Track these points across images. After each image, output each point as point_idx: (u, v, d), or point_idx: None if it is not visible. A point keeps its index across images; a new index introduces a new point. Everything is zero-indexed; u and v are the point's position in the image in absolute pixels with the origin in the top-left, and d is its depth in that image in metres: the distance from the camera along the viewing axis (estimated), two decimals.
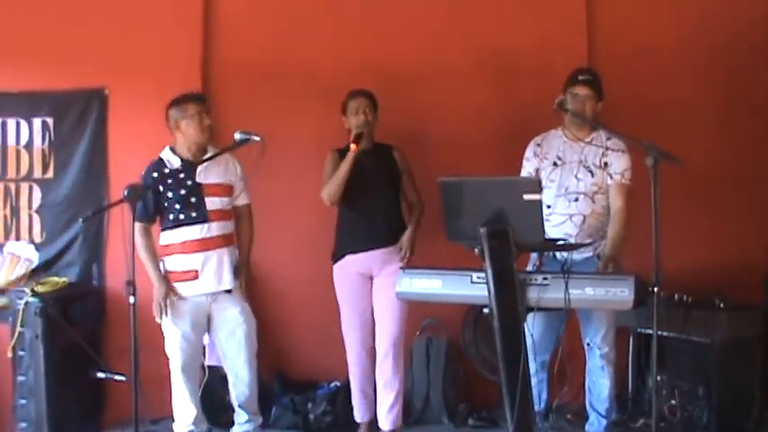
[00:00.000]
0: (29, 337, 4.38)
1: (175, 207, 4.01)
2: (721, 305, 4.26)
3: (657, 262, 3.16)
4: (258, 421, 4.24)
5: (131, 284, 3.48)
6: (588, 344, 4.07)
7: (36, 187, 4.94)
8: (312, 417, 4.64)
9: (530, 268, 3.96)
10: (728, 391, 4.17)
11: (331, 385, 4.77)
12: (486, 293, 3.19)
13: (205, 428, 4.22)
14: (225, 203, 4.12)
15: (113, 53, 4.91)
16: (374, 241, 4.26)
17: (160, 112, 4.11)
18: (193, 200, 4.02)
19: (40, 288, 4.54)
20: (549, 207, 3.98)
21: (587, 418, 4.22)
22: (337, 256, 4.35)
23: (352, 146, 4.14)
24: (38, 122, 4.94)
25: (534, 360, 3.71)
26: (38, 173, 4.94)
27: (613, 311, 3.92)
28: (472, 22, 5.01)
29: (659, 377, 4.24)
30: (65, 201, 4.92)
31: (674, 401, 4.35)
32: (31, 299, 4.41)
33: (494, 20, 5.02)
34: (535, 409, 3.52)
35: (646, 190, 3.23)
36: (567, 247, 3.72)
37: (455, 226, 3.29)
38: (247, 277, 4.23)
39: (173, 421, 4.13)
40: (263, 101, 4.95)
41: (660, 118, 4.82)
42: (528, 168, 4.14)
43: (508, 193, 3.20)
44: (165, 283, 4.00)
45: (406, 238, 4.28)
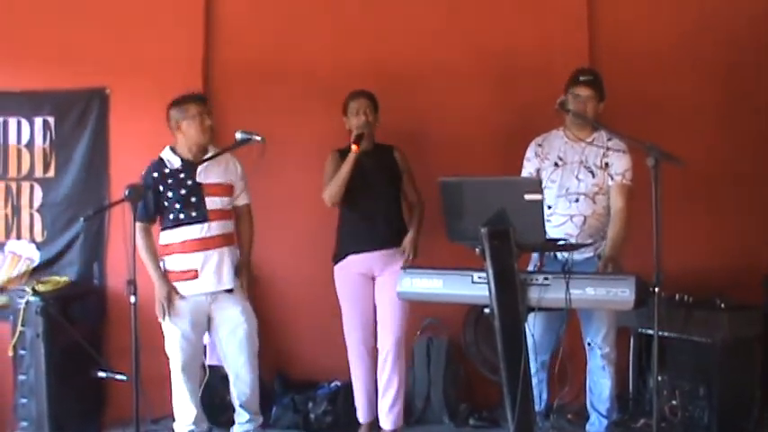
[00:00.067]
0: (30, 336, 4.38)
1: (175, 207, 4.00)
2: (722, 305, 4.26)
3: (658, 262, 3.16)
4: (259, 421, 4.24)
5: (132, 284, 3.48)
6: (589, 344, 4.07)
7: (37, 186, 4.94)
8: (313, 416, 4.64)
9: (530, 269, 3.97)
10: (729, 391, 4.17)
11: (332, 385, 4.77)
12: (487, 293, 3.18)
13: (206, 428, 4.22)
14: (225, 203, 4.12)
15: (114, 53, 4.92)
16: (375, 242, 4.26)
17: (161, 111, 4.11)
18: (193, 199, 4.02)
19: (40, 287, 4.54)
20: (549, 207, 3.98)
21: (588, 418, 4.22)
22: (339, 256, 4.35)
23: (354, 147, 4.14)
24: (39, 122, 4.94)
25: (535, 360, 3.72)
26: (39, 172, 4.95)
27: (614, 311, 3.92)
28: (472, 21, 5.01)
29: (660, 377, 4.24)
30: (66, 200, 4.93)
31: (674, 401, 4.35)
32: (32, 298, 4.41)
33: (494, 20, 5.02)
34: (536, 408, 3.52)
35: (647, 190, 3.23)
36: (568, 248, 3.72)
37: (456, 226, 3.29)
38: (249, 277, 4.22)
39: (173, 420, 4.13)
40: (263, 101, 4.95)
41: (661, 116, 4.83)
42: (529, 169, 4.14)
43: (509, 193, 3.19)
44: (167, 282, 4.01)
45: (408, 240, 4.27)
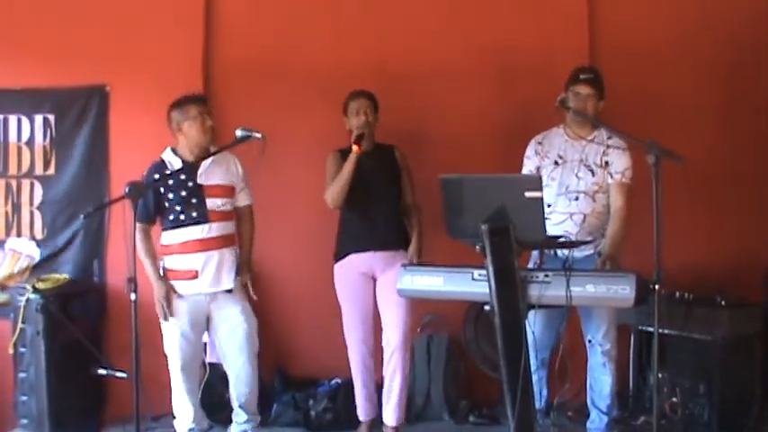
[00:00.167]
0: (30, 334, 4.38)
1: (176, 208, 4.00)
2: (722, 302, 4.26)
3: (659, 259, 3.16)
4: (256, 421, 4.22)
5: (132, 281, 3.47)
6: (590, 341, 4.07)
7: (37, 184, 4.94)
8: (313, 414, 4.64)
9: (531, 266, 3.97)
10: (729, 389, 4.17)
11: (332, 382, 4.77)
12: (488, 290, 3.19)
13: (206, 426, 4.22)
14: (226, 204, 4.10)
15: (114, 50, 4.91)
16: (376, 243, 4.25)
17: (161, 109, 4.10)
18: (194, 201, 4.01)
19: (41, 285, 4.54)
20: (549, 206, 3.98)
21: (588, 415, 4.22)
22: (340, 255, 4.34)
23: (355, 147, 4.12)
24: (39, 119, 4.94)
25: (535, 357, 3.72)
26: (39, 169, 4.94)
27: (615, 309, 3.92)
28: (473, 20, 5.01)
29: (660, 374, 4.24)
30: (66, 197, 4.92)
31: (675, 399, 4.35)
32: (33, 295, 4.42)
33: (494, 18, 5.01)
34: (536, 406, 3.52)
35: (647, 188, 3.23)
36: (568, 245, 3.72)
37: (456, 223, 3.29)
38: (251, 277, 4.20)
39: (173, 418, 4.13)
40: (263, 99, 4.94)
41: (661, 115, 4.83)
42: (529, 166, 4.14)
43: (509, 190, 3.20)
44: (164, 282, 4.00)
45: (413, 250, 4.28)
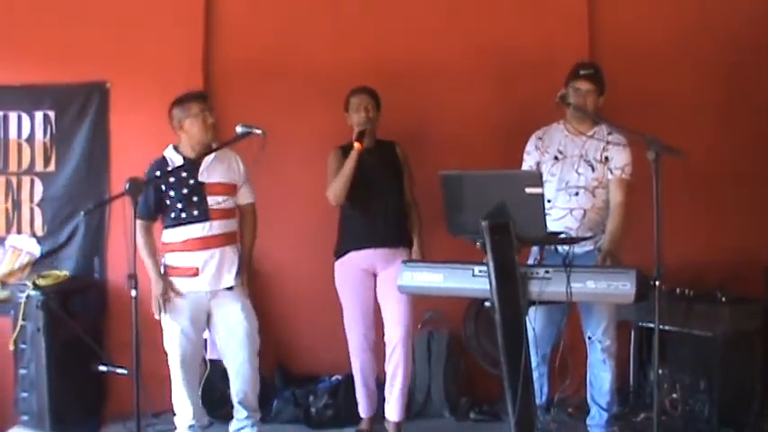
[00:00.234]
0: (30, 331, 4.39)
1: (177, 206, 4.00)
2: (723, 299, 4.25)
3: (659, 256, 3.16)
4: (257, 417, 4.23)
5: (133, 278, 3.47)
6: (589, 337, 4.07)
7: (37, 180, 4.94)
8: (313, 410, 4.65)
9: (530, 262, 3.97)
10: (730, 385, 4.17)
11: (332, 379, 4.77)
12: (488, 287, 3.18)
13: (206, 422, 4.23)
14: (227, 202, 4.10)
15: (115, 47, 4.92)
16: (376, 240, 4.24)
17: (161, 106, 4.10)
18: (195, 199, 4.00)
19: (41, 281, 4.55)
20: (549, 201, 3.98)
21: (588, 411, 4.22)
22: (340, 252, 4.34)
23: (356, 145, 4.11)
24: (39, 116, 4.94)
25: (536, 353, 3.72)
26: (39, 166, 4.95)
27: (614, 305, 3.92)
28: (473, 20, 5.01)
29: (661, 371, 4.23)
30: (66, 194, 4.93)
31: (675, 395, 4.35)
32: (33, 292, 4.42)
33: (495, 16, 5.01)
34: (536, 402, 3.52)
35: (647, 184, 3.22)
36: (569, 241, 3.71)
37: (456, 219, 3.28)
38: (249, 274, 4.21)
39: (174, 415, 4.13)
40: (263, 98, 4.94)
41: (661, 115, 4.82)
42: (529, 162, 4.14)
43: (509, 186, 3.19)
44: (163, 280, 4.00)
45: (417, 251, 4.31)
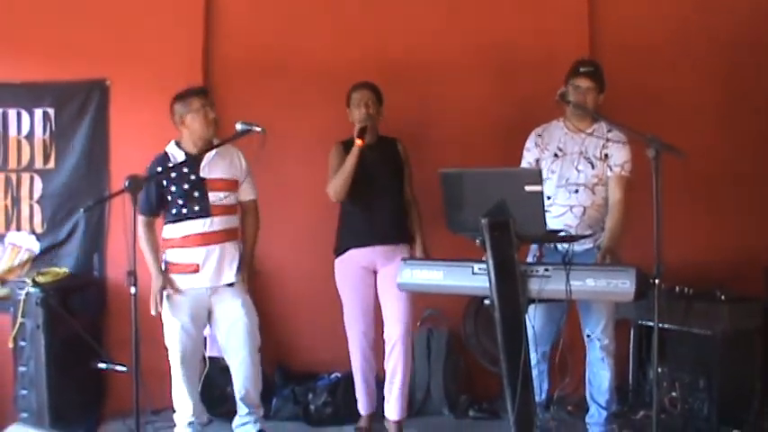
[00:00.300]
0: (30, 328, 4.38)
1: (178, 201, 3.99)
2: (722, 297, 4.25)
3: (659, 254, 3.16)
4: (259, 413, 4.23)
5: (132, 275, 3.47)
6: (588, 335, 4.07)
7: (37, 177, 4.94)
8: (313, 407, 4.65)
9: (530, 259, 3.97)
10: (729, 383, 4.17)
11: (331, 376, 4.78)
12: (488, 285, 3.18)
13: (206, 420, 4.23)
14: (229, 198, 4.09)
15: (115, 44, 4.91)
16: (377, 237, 4.23)
17: (161, 103, 4.10)
18: (196, 194, 4.00)
19: (40, 278, 4.54)
20: (549, 198, 3.98)
21: (588, 409, 4.21)
22: (340, 249, 4.32)
23: (358, 141, 4.10)
24: (39, 113, 4.93)
25: (535, 351, 3.71)
26: (39, 163, 4.94)
27: (613, 303, 3.92)
28: (473, 18, 5.00)
29: (660, 369, 4.24)
30: (66, 191, 4.92)
31: (674, 393, 4.35)
32: (32, 289, 4.41)
33: (495, 14, 5.01)
34: (536, 400, 3.52)
35: (647, 182, 3.22)
36: (568, 239, 3.71)
37: (456, 217, 3.28)
38: (250, 272, 4.20)
39: (173, 412, 4.13)
40: (263, 96, 4.94)
41: (661, 115, 4.81)
42: (528, 159, 4.13)
43: (509, 184, 3.19)
44: (163, 276, 4.00)
45: (420, 248, 4.30)
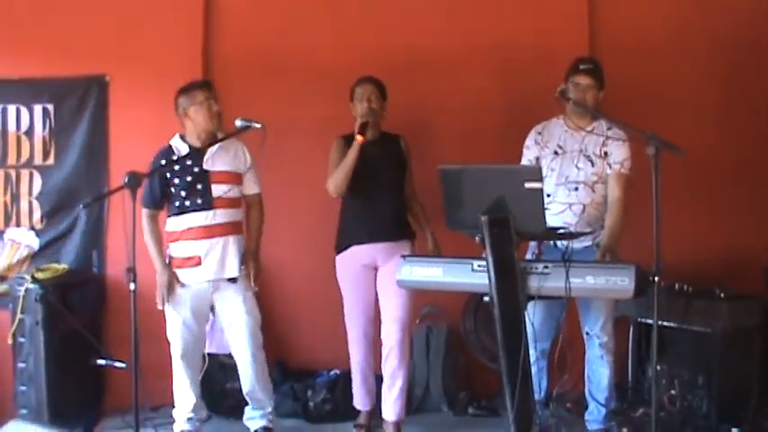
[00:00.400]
0: (29, 324, 4.39)
1: (181, 194, 4.00)
2: (722, 295, 4.24)
3: (658, 251, 3.15)
4: (267, 408, 4.22)
5: (132, 271, 3.47)
6: (587, 333, 4.08)
7: (36, 174, 4.94)
8: (312, 404, 4.65)
9: (529, 256, 3.97)
10: (728, 381, 4.16)
11: (331, 373, 4.78)
12: (487, 282, 3.18)
13: (204, 416, 4.24)
14: (232, 191, 4.09)
15: (114, 40, 4.91)
16: (378, 234, 4.20)
17: (161, 99, 4.11)
18: (199, 187, 4.00)
19: (40, 275, 4.54)
20: (548, 196, 3.97)
21: (587, 406, 4.22)
22: (341, 246, 4.31)
23: (358, 137, 4.07)
24: (38, 109, 4.93)
25: (534, 348, 3.71)
26: (38, 159, 4.94)
27: (612, 301, 3.93)
28: (473, 14, 5.00)
29: (659, 366, 4.24)
30: (65, 187, 4.92)
31: (673, 391, 4.35)
32: (32, 285, 4.41)
33: (495, 12, 5.00)
34: (535, 397, 3.52)
35: (647, 180, 3.21)
36: (567, 236, 3.71)
37: (455, 214, 3.28)
38: (256, 267, 4.16)
39: (173, 408, 4.14)
40: (263, 93, 4.93)
41: (661, 115, 4.79)
42: (528, 156, 4.13)
43: (509, 181, 3.19)
44: (168, 269, 4.01)
45: (431, 245, 4.31)
